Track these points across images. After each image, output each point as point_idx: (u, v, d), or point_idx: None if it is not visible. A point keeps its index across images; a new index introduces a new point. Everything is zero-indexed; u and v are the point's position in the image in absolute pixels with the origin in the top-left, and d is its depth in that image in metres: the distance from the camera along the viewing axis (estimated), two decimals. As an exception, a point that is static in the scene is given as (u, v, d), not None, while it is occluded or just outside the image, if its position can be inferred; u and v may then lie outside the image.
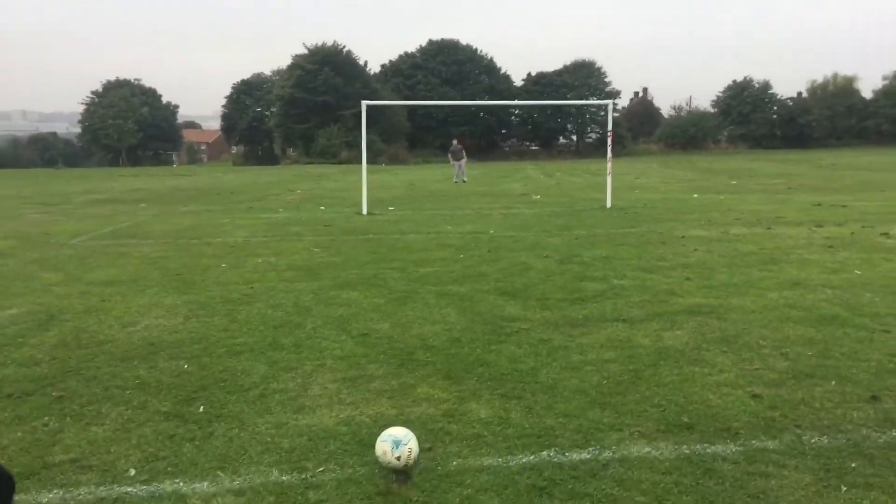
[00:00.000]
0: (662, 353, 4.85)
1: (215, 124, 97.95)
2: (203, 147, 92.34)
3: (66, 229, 11.92)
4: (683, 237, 10.27)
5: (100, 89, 73.93)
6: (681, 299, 6.39)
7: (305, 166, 49.83)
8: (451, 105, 62.94)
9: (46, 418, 3.86)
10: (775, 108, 72.92)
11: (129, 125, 69.37)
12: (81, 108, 74.25)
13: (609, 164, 15.80)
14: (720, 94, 75.25)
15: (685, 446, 3.42)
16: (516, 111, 71.09)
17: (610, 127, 15.99)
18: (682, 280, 7.23)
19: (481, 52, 72.03)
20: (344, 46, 63.67)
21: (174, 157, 79.38)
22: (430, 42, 71.04)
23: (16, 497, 2.47)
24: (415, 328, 5.58)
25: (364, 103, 15.52)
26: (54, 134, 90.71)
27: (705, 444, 3.44)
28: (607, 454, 3.35)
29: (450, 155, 27.70)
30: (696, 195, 18.27)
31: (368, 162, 15.92)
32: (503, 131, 74.63)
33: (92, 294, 6.94)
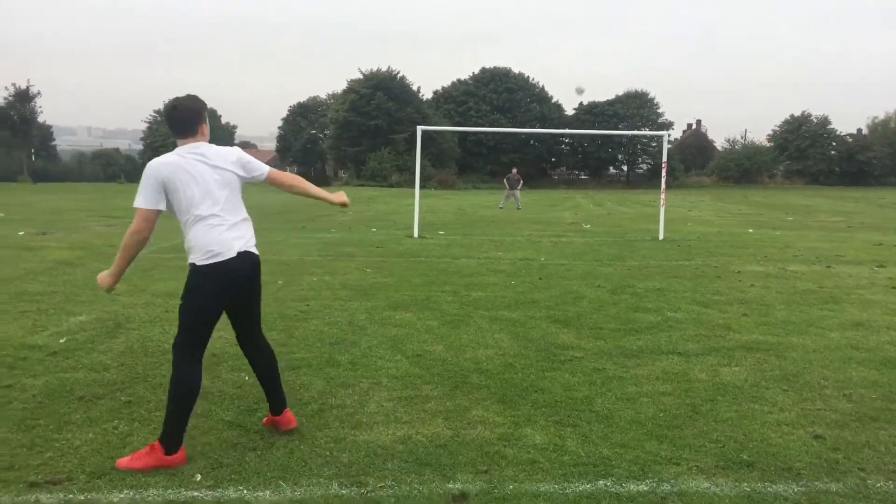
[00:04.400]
0: (720, 389, 4.79)
1: (270, 145, 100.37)
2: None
3: (130, 241, 12.35)
4: (739, 272, 10.10)
5: (161, 108, 76.50)
6: (738, 335, 6.30)
7: (357, 188, 50.58)
8: (501, 132, 63.26)
9: (116, 421, 4.01)
10: (834, 143, 71.17)
11: (189, 144, 71.45)
12: (144, 126, 76.92)
13: (663, 196, 15.66)
14: (777, 129, 73.93)
15: (745, 484, 3.37)
16: (566, 140, 71.01)
17: (665, 158, 15.87)
18: (738, 315, 7.11)
19: (533, 80, 72.35)
20: (398, 72, 64.79)
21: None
22: (483, 70, 71.71)
23: None
24: (468, 351, 5.62)
25: (419, 128, 15.77)
26: (117, 150, 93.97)
27: (766, 483, 3.38)
28: (665, 487, 3.32)
29: (506, 181, 27.96)
30: (751, 230, 17.93)
31: (429, 187, 16.12)
32: (553, 160, 74.58)
33: (156, 305, 7.18)
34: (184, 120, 3.61)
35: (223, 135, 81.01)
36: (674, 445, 3.81)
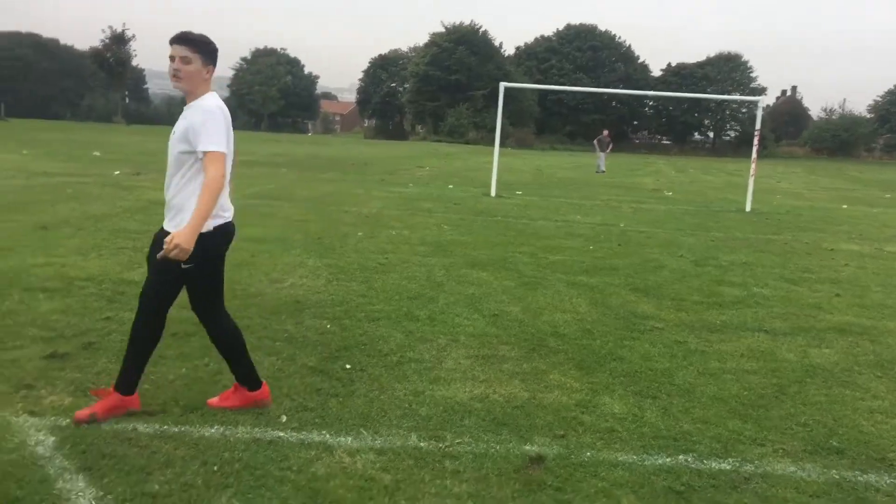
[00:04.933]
0: (809, 371, 4.60)
1: (350, 97, 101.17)
2: (337, 118, 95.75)
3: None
4: (832, 250, 9.63)
5: (248, 56, 78.05)
6: (829, 316, 6.02)
7: (434, 143, 50.60)
8: (583, 92, 61.76)
9: (206, 359, 4.19)
10: (944, 117, 66.32)
11: (272, 92, 73.00)
12: (230, 73, 78.74)
13: (753, 166, 15.00)
14: (878, 99, 69.33)
15: (834, 471, 3.25)
16: (650, 102, 68.69)
17: (758, 126, 15.14)
18: (830, 296, 6.79)
19: (620, 38, 69.97)
20: (481, 26, 63.79)
21: (309, 126, 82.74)
22: (568, 26, 69.80)
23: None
24: (545, 315, 5.59)
25: (502, 85, 15.52)
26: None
27: (857, 472, 3.25)
28: (749, 468, 3.23)
29: (596, 143, 27.26)
30: (845, 206, 17.02)
31: (507, 146, 15.97)
32: (635, 122, 72.48)
33: (243, 249, 7.40)
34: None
35: (306, 85, 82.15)
36: (758, 426, 3.70)
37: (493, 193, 14.86)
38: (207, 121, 3.08)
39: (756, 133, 15.22)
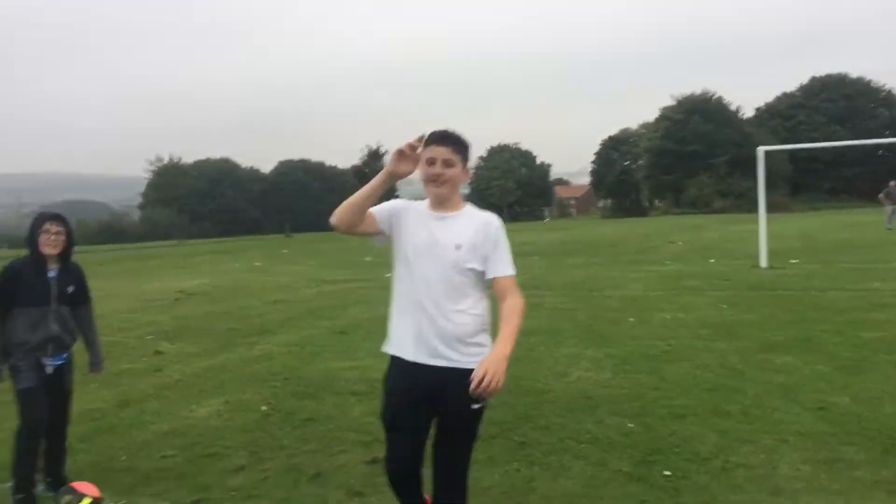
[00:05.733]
0: None
1: (582, 179, 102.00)
2: (572, 202, 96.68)
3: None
4: None
5: (485, 154, 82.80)
6: None
7: (677, 216, 48.60)
8: (842, 146, 55.84)
9: (516, 464, 4.09)
10: None
11: (509, 184, 76.33)
12: (471, 172, 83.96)
13: None
14: None
15: None
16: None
17: None
18: None
19: (876, 82, 62.81)
20: (714, 94, 61.34)
21: (546, 212, 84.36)
22: (812, 79, 64.42)
23: None
24: (886, 406, 4.74)
25: (761, 149, 14.49)
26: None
27: None
28: None
29: (883, 196, 24.20)
30: None
31: (745, 211, 14.75)
32: (904, 171, 63.44)
33: (519, 343, 7.35)
34: None
35: (540, 173, 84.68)
36: None
37: (763, 264, 13.59)
38: (502, 238, 2.68)
39: None
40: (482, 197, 79.21)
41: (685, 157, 58.78)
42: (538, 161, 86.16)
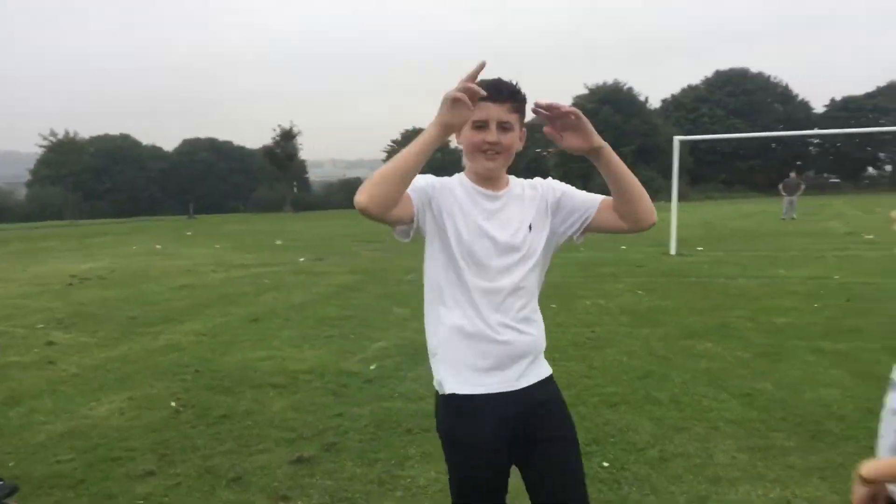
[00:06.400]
0: None
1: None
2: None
3: (398, 266, 12.99)
4: None
5: (399, 138, 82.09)
6: None
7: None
8: (743, 138, 58.83)
9: (452, 459, 3.90)
10: None
11: (425, 170, 76.07)
12: (382, 156, 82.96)
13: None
14: None
15: None
16: (815, 141, 64.05)
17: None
18: None
19: (774, 79, 66.48)
20: (625, 84, 63.13)
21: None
22: (717, 73, 67.43)
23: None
24: (807, 392, 4.84)
25: (676, 139, 14.87)
26: (359, 179, 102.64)
27: None
28: None
29: (781, 187, 25.47)
30: None
31: (662, 200, 15.17)
32: (798, 163, 67.62)
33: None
34: None
35: (453, 158, 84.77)
36: None
37: (672, 251, 14.01)
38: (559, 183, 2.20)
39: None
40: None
41: (594, 147, 60.33)
42: (451, 147, 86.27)
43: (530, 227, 2.02)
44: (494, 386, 1.96)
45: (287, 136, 64.97)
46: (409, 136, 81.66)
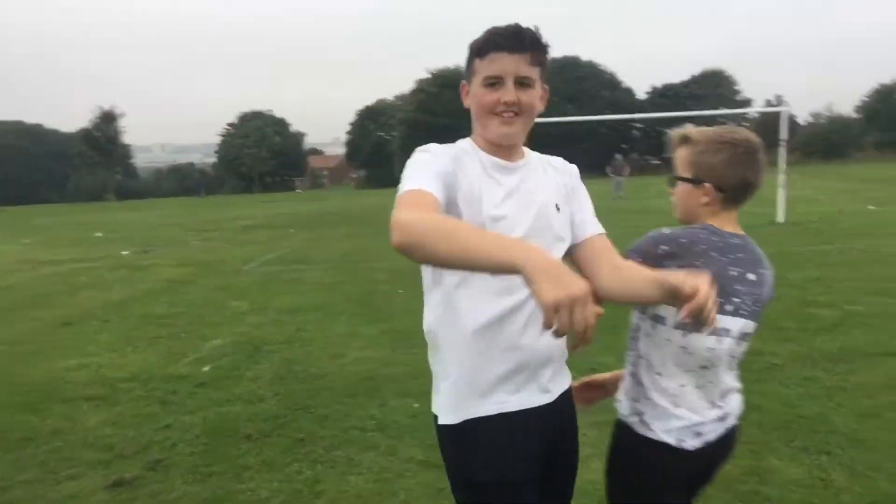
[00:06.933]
0: (976, 398, 4.02)
1: (336, 150, 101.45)
2: (325, 172, 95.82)
3: (234, 256, 12.22)
4: (897, 254, 9.10)
5: (235, 121, 78.40)
6: (949, 329, 5.45)
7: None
8: (578, 121, 61.98)
9: (297, 465, 3.57)
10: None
11: (262, 154, 73.14)
12: (217, 140, 78.99)
13: (783, 176, 14.64)
14: (866, 99, 69.76)
15: None
16: (639, 125, 69.05)
17: (784, 136, 14.87)
18: (933, 305, 6.23)
19: (602, 66, 70.74)
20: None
21: (297, 183, 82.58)
22: (553, 60, 70.49)
23: None
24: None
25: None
26: (191, 164, 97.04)
27: None
28: None
29: (610, 169, 27.16)
30: (871, 207, 16.57)
31: None
32: (624, 146, 72.69)
33: (285, 322, 6.82)
34: None
35: (294, 142, 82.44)
36: (971, 477, 3.10)
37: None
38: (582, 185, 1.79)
39: (781, 143, 14.90)
40: (233, 167, 75.24)
41: (438, 130, 61.09)
42: (293, 129, 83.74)
43: (557, 207, 1.65)
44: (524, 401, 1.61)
45: (108, 118, 59.85)
46: (246, 119, 78.45)
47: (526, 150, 1.71)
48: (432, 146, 1.59)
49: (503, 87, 1.55)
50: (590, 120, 28.04)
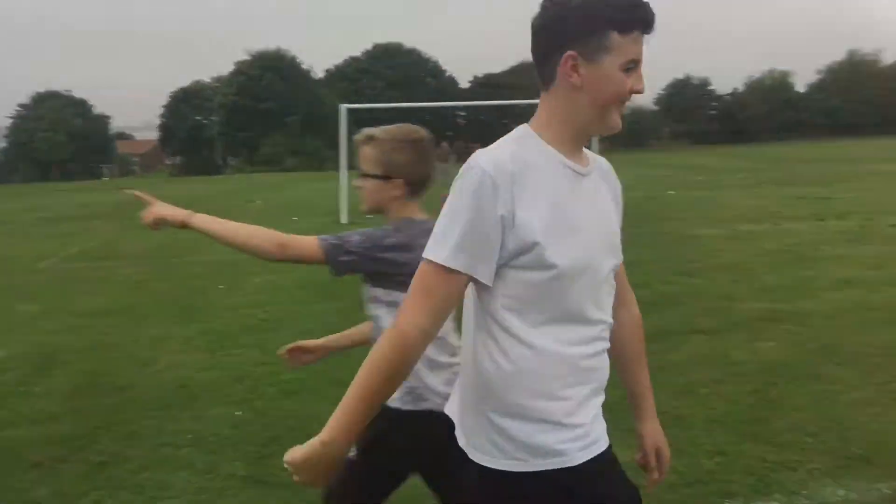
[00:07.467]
0: (770, 369, 4.40)
1: (148, 134, 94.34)
2: (136, 158, 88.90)
3: (28, 251, 10.82)
4: (696, 236, 9.96)
5: (28, 102, 70.36)
6: (744, 304, 5.99)
7: (252, 175, 48.35)
8: (401, 107, 62.48)
9: (96, 493, 3.11)
10: (715, 104, 74.93)
11: (60, 138, 66.09)
12: (6, 122, 70.53)
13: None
14: (662, 92, 76.86)
15: (882, 484, 2.94)
16: (462, 113, 71.02)
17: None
18: (729, 283, 6.84)
19: (426, 55, 71.80)
20: (288, 51, 62.47)
21: (105, 170, 75.95)
22: (376, 46, 70.43)
23: None
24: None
25: (343, 107, 14.92)
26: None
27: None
28: (802, 501, 2.83)
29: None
30: (672, 191, 18.16)
31: (315, 169, 15.28)
32: (449, 134, 74.48)
33: (86, 327, 6.08)
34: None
35: (97, 127, 75.52)
36: (772, 445, 3.35)
37: (344, 220, 14.06)
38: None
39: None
40: (26, 152, 67.41)
41: (260, 115, 58.80)
42: (95, 112, 76.57)
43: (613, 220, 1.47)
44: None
45: None
46: (41, 99, 70.53)
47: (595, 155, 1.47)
48: (489, 167, 1.26)
49: (635, 73, 1.31)
50: (414, 107, 28.34)
